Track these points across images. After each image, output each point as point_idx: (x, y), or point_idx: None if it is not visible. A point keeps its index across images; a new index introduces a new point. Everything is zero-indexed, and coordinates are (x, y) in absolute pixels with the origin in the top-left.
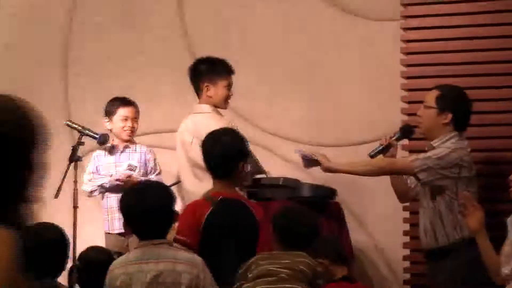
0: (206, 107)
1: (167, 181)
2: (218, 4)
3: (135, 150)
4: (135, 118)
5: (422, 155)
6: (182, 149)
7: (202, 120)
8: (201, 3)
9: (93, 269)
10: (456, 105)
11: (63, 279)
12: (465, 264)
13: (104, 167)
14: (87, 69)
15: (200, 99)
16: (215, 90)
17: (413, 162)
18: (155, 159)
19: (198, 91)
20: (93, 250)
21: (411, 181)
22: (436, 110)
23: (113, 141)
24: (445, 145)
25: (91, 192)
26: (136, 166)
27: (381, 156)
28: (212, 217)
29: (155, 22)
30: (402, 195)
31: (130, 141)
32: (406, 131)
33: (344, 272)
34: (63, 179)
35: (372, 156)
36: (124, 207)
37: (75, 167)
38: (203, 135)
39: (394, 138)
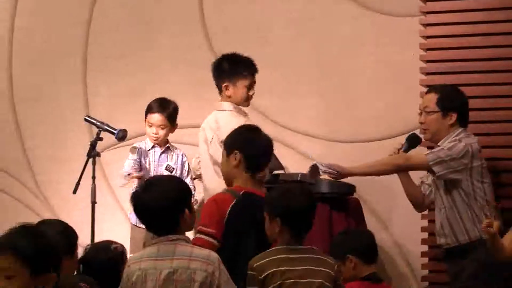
0: (227, 105)
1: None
2: (235, 1)
3: (174, 152)
4: (160, 126)
5: (435, 149)
6: (205, 145)
7: (222, 118)
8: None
9: (94, 268)
10: (457, 103)
11: None
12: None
13: (144, 164)
14: (105, 65)
15: (221, 97)
16: (234, 90)
17: (427, 155)
18: (188, 163)
19: (219, 89)
20: (92, 249)
21: (425, 188)
22: (440, 114)
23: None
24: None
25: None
26: (174, 168)
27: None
28: (235, 210)
29: (173, 18)
30: (418, 203)
31: (168, 142)
32: (413, 141)
33: (371, 270)
34: (81, 175)
35: None
36: (135, 203)
37: (94, 163)
38: (223, 133)
39: (402, 149)
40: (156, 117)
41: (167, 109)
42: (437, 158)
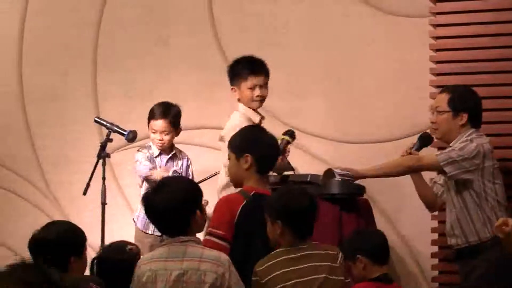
0: (240, 107)
1: (197, 179)
2: (245, 1)
3: (180, 157)
4: (164, 132)
5: (446, 149)
6: None
7: (231, 118)
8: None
9: (108, 268)
10: (469, 104)
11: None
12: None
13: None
14: (116, 65)
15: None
16: (240, 93)
17: (438, 156)
18: (191, 167)
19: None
20: (107, 249)
21: (437, 188)
22: (451, 113)
23: None
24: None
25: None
26: (179, 173)
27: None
28: (245, 211)
29: (182, 18)
30: (430, 204)
31: (173, 147)
32: (425, 140)
33: (382, 271)
34: (91, 176)
35: None
36: (146, 204)
37: (104, 164)
38: (226, 132)
39: (413, 149)
40: (160, 124)
41: (169, 114)
42: (448, 158)
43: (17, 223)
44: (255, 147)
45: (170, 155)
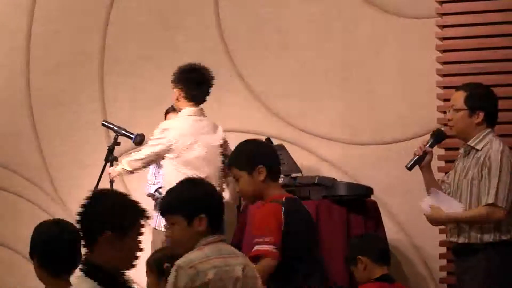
0: None
1: None
2: (254, 3)
3: None
4: None
5: (492, 185)
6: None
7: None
8: (237, 3)
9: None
10: (486, 103)
11: None
12: (498, 265)
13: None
14: (123, 69)
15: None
16: None
17: (496, 200)
18: None
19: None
20: None
21: (445, 187)
22: (467, 111)
23: None
24: (486, 146)
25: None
26: None
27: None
28: (288, 216)
29: (190, 22)
30: None
31: None
32: (439, 136)
33: (383, 272)
34: (99, 179)
35: (409, 168)
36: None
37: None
38: None
39: (427, 145)
40: None
41: None
42: (504, 197)
43: (24, 227)
44: (264, 156)
45: None
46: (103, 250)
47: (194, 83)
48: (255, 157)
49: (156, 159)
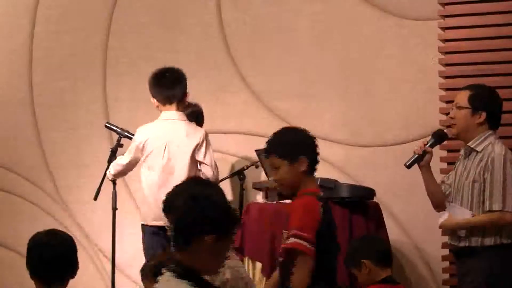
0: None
1: None
2: (255, 4)
3: None
4: None
5: (497, 190)
6: None
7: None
8: (237, 2)
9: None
10: (489, 104)
11: None
12: (499, 267)
13: None
14: (125, 69)
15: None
16: None
17: (504, 205)
18: None
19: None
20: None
21: (445, 188)
22: (470, 110)
23: None
24: (488, 148)
25: None
26: None
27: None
28: (324, 213)
29: (192, 22)
30: (438, 202)
31: None
32: (439, 136)
33: (387, 274)
34: (102, 181)
35: (408, 166)
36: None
37: None
38: None
39: (428, 145)
40: None
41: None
42: (510, 201)
43: (26, 228)
44: (308, 148)
45: None
46: (200, 253)
47: (163, 87)
48: (299, 146)
49: (135, 163)
